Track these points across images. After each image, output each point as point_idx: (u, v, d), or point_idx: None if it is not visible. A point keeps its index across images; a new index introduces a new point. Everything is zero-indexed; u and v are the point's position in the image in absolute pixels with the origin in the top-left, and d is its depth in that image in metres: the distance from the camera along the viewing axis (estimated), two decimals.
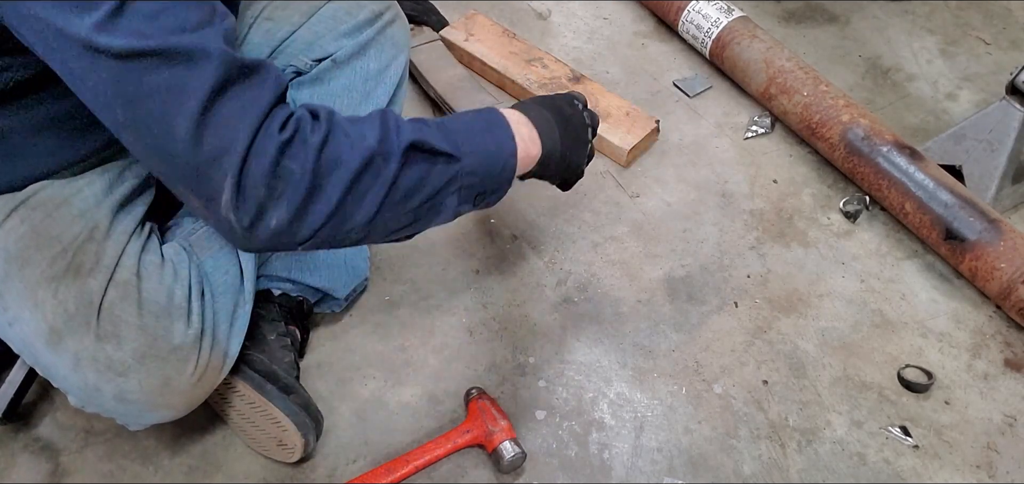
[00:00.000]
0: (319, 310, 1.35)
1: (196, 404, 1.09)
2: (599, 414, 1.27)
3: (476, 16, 1.87)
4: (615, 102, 1.69)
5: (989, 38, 1.98)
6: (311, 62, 1.21)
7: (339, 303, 1.34)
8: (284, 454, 1.17)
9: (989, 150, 1.53)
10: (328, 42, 1.20)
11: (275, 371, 1.16)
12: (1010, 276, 1.34)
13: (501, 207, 1.55)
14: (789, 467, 1.22)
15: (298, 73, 1.22)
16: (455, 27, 1.84)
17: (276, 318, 1.24)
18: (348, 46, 1.20)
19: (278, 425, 1.14)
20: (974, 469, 1.22)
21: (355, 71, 1.22)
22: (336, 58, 1.20)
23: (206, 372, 1.06)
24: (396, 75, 1.26)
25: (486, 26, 1.85)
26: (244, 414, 1.17)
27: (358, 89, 1.23)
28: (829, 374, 1.33)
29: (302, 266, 1.28)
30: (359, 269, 1.35)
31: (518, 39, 1.82)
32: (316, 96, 1.22)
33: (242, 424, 1.19)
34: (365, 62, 1.22)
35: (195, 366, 1.04)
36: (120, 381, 1.00)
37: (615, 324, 1.39)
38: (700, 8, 1.82)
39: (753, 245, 1.51)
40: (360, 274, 1.36)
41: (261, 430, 1.17)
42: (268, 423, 1.15)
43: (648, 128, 1.64)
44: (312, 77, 1.22)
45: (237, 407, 1.17)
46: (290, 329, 1.26)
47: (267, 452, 1.19)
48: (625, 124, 1.64)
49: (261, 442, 1.19)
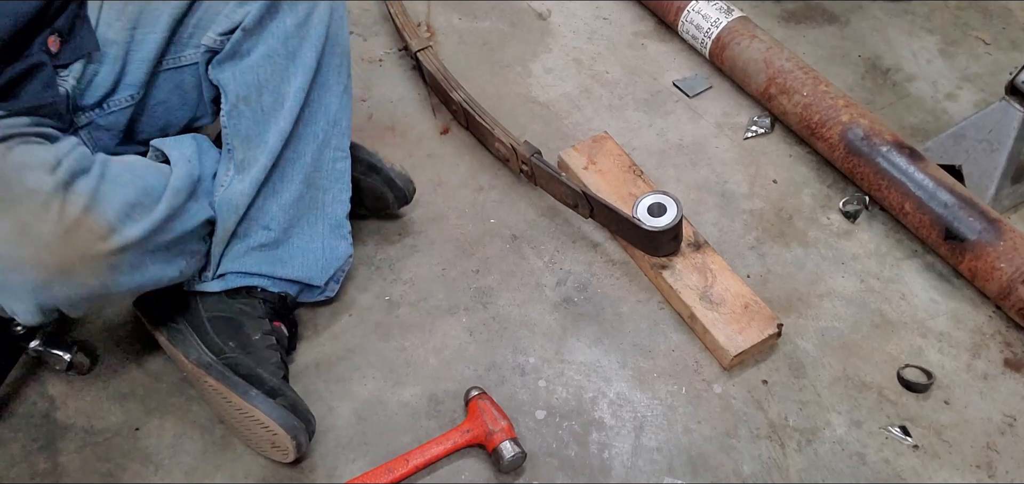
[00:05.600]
0: (303, 300, 1.34)
1: (73, 270, 1.00)
2: (599, 414, 1.27)
3: (606, 141, 1.62)
4: (735, 286, 1.37)
5: (989, 38, 1.98)
6: (219, 37, 1.16)
7: (320, 291, 1.33)
8: (279, 455, 1.17)
9: (989, 150, 1.53)
10: (232, 10, 1.14)
11: (260, 375, 1.16)
12: (1010, 276, 1.34)
13: (501, 207, 1.55)
14: (789, 467, 1.22)
15: (213, 53, 1.17)
16: (578, 149, 1.61)
17: (261, 315, 1.24)
18: (255, 9, 1.14)
19: (267, 429, 1.13)
20: (974, 469, 1.22)
21: (271, 34, 1.16)
22: (245, 26, 1.15)
23: (77, 232, 0.98)
24: (321, 28, 1.19)
25: (613, 154, 1.59)
26: (235, 418, 1.17)
27: (280, 54, 1.17)
28: (829, 374, 1.33)
29: (273, 260, 1.27)
30: (338, 251, 1.33)
31: (644, 179, 1.55)
32: (238, 73, 1.17)
33: (236, 427, 1.19)
34: (280, 21, 1.16)
35: (59, 217, 0.97)
36: None
37: (615, 324, 1.39)
38: (700, 8, 1.82)
39: (753, 245, 1.51)
40: (340, 256, 1.34)
41: (254, 433, 1.17)
42: (257, 427, 1.15)
43: (765, 332, 1.31)
44: (227, 53, 1.17)
45: (228, 412, 1.17)
46: (275, 326, 1.26)
47: (264, 453, 1.19)
48: (740, 320, 1.33)
49: (257, 444, 1.19)
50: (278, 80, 1.18)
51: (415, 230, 1.51)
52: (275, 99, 1.19)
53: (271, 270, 1.27)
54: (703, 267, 1.40)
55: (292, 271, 1.29)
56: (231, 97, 1.19)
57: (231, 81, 1.18)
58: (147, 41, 1.17)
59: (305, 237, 1.29)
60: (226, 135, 1.22)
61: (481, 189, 1.59)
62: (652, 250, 1.42)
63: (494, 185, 1.60)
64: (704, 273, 1.39)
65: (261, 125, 1.20)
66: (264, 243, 1.26)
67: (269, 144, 1.21)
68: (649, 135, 1.71)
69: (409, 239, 1.49)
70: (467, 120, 1.65)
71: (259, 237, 1.25)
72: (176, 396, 1.27)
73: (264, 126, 1.20)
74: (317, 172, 1.28)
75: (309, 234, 1.30)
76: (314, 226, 1.30)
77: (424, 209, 1.54)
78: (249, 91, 1.18)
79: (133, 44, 1.17)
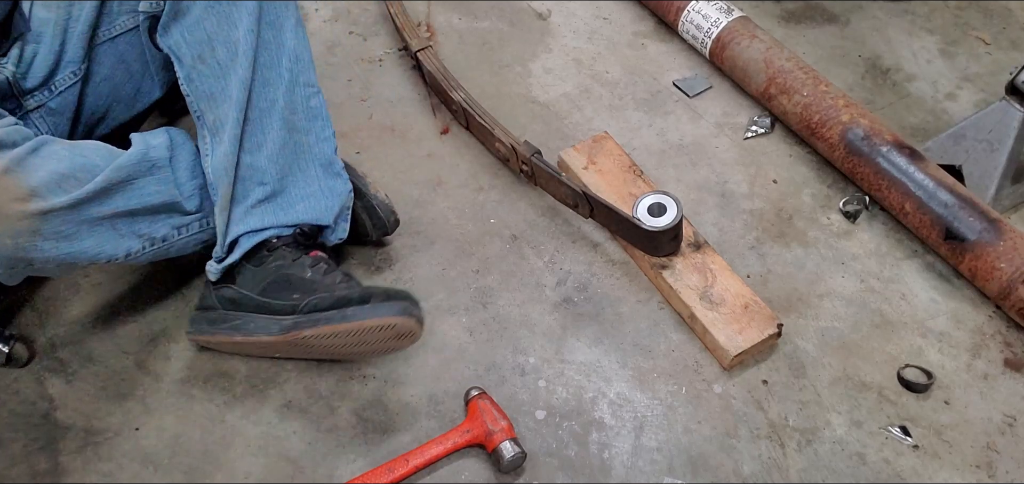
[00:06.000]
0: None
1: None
2: (599, 414, 1.27)
3: (606, 141, 1.62)
4: (735, 286, 1.38)
5: (989, 38, 1.98)
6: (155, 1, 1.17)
7: (331, 231, 1.34)
8: (406, 342, 1.20)
9: (989, 150, 1.53)
10: None
11: (343, 295, 1.17)
12: (1010, 276, 1.34)
13: (501, 207, 1.55)
14: (789, 467, 1.22)
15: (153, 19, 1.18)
16: (578, 149, 1.61)
17: (296, 257, 1.25)
18: None
19: (384, 328, 1.15)
20: (974, 469, 1.22)
21: None
22: None
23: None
24: None
25: (613, 154, 1.59)
26: (350, 345, 1.19)
27: (219, 7, 1.17)
28: (829, 374, 1.33)
29: (277, 209, 1.27)
30: (336, 189, 1.33)
31: (644, 179, 1.56)
32: (185, 33, 1.17)
33: (353, 352, 1.21)
34: None
35: None
36: None
37: (615, 324, 1.39)
38: (700, 8, 1.82)
39: (753, 245, 1.51)
40: (340, 193, 1.34)
41: (374, 341, 1.18)
42: (375, 334, 1.16)
43: (765, 332, 1.31)
44: (169, 14, 1.17)
45: (338, 345, 1.19)
46: (315, 255, 1.27)
47: (391, 349, 1.22)
48: (740, 320, 1.33)
49: (381, 348, 1.21)
50: (227, 27, 1.18)
51: (415, 230, 1.51)
52: (227, 49, 1.20)
53: (277, 220, 1.27)
54: (703, 267, 1.40)
55: (298, 215, 1.29)
56: (186, 60, 1.20)
57: (182, 43, 1.19)
58: (81, 15, 1.19)
59: (301, 181, 1.30)
60: (190, 102, 1.23)
61: (481, 189, 1.59)
62: (652, 250, 1.42)
63: (494, 185, 1.60)
64: (704, 273, 1.39)
65: (221, 79, 1.21)
66: (263, 198, 1.26)
67: (234, 96, 1.21)
68: (649, 135, 1.71)
69: (409, 239, 1.49)
70: (467, 120, 1.65)
71: (257, 193, 1.26)
72: (176, 396, 1.27)
73: (225, 80, 1.21)
74: (293, 114, 1.28)
75: (303, 178, 1.30)
76: (306, 169, 1.30)
77: (424, 209, 1.54)
78: (202, 48, 1.19)
79: (70, 21, 1.19)
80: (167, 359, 1.32)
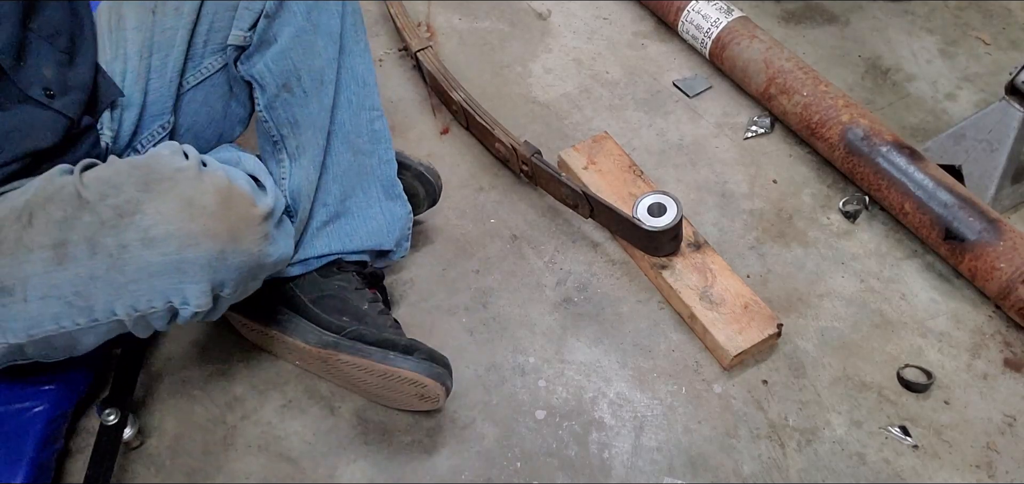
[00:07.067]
0: (380, 266, 1.36)
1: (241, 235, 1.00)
2: (599, 414, 1.27)
3: (606, 141, 1.62)
4: (735, 286, 1.38)
5: (989, 38, 1.98)
6: (246, 33, 1.16)
7: (393, 254, 1.35)
8: (428, 404, 1.19)
9: (989, 150, 1.53)
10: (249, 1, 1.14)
11: (389, 338, 1.18)
12: (1010, 276, 1.35)
13: (501, 207, 1.55)
14: (789, 467, 1.22)
15: (241, 50, 1.17)
16: (578, 149, 1.61)
17: (358, 286, 1.26)
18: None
19: (415, 384, 1.15)
20: (974, 469, 1.22)
21: (292, 12, 1.16)
22: (267, 12, 1.14)
23: (232, 197, 0.99)
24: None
25: (613, 154, 1.59)
26: (376, 385, 1.19)
27: (305, 29, 1.17)
28: (829, 374, 1.33)
29: (341, 235, 1.28)
30: (396, 213, 1.34)
31: (644, 179, 1.56)
32: (271, 63, 1.17)
33: (380, 393, 1.21)
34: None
35: (214, 187, 0.98)
36: (137, 218, 0.96)
37: (615, 324, 1.39)
38: (700, 8, 1.82)
39: (753, 245, 1.51)
40: (401, 216, 1.35)
41: (399, 392, 1.18)
42: (404, 385, 1.16)
43: (765, 332, 1.32)
44: (256, 45, 1.16)
45: (365, 380, 1.19)
46: (372, 293, 1.28)
47: (411, 407, 1.22)
48: (740, 320, 1.33)
49: (402, 401, 1.21)
50: (311, 57, 1.18)
51: (415, 230, 1.51)
52: (312, 77, 1.20)
53: (341, 246, 1.28)
54: (703, 267, 1.40)
55: (361, 242, 1.29)
56: (270, 89, 1.19)
57: (266, 73, 1.18)
58: (166, 65, 1.16)
59: (362, 204, 1.30)
60: (269, 127, 1.21)
61: (481, 189, 1.59)
62: (652, 250, 1.42)
63: (494, 185, 1.60)
64: (704, 273, 1.39)
65: (306, 107, 1.20)
66: (326, 220, 1.27)
67: (318, 122, 1.22)
68: (649, 135, 1.71)
69: None
70: (467, 120, 1.65)
71: (320, 216, 1.26)
72: (176, 396, 1.27)
73: (309, 107, 1.20)
74: (358, 137, 1.28)
75: (365, 201, 1.30)
76: (368, 191, 1.31)
77: None
78: (288, 78, 1.18)
79: (152, 73, 1.16)
80: (168, 359, 1.32)
